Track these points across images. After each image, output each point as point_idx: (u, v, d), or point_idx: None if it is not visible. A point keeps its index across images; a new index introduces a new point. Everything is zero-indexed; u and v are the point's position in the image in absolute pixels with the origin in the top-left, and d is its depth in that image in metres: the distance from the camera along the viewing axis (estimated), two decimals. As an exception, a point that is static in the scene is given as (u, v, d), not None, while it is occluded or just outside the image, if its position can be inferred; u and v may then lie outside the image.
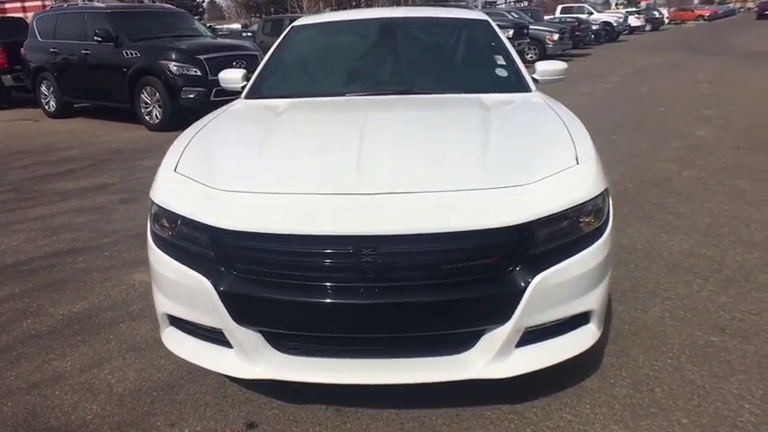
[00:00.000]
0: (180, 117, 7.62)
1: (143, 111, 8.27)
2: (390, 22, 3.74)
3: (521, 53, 15.54)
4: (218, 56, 8.25)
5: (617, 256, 3.51)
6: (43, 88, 9.65)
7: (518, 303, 1.88)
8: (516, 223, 1.85)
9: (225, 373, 2.01)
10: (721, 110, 8.49)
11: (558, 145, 2.23)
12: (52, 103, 9.60)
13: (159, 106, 8.11)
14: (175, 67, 7.93)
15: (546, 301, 1.93)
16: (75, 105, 9.71)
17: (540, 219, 1.89)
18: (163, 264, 2.03)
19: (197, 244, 1.96)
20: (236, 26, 18.03)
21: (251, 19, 50.40)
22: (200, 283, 1.91)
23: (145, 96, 8.19)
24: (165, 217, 2.05)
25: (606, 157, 6.16)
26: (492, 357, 1.96)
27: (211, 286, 1.89)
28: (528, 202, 1.90)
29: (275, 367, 1.97)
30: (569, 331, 2.08)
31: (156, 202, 2.11)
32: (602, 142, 6.36)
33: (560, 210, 1.93)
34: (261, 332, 1.97)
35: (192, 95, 7.92)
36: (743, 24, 35.46)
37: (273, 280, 1.88)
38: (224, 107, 3.01)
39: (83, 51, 8.75)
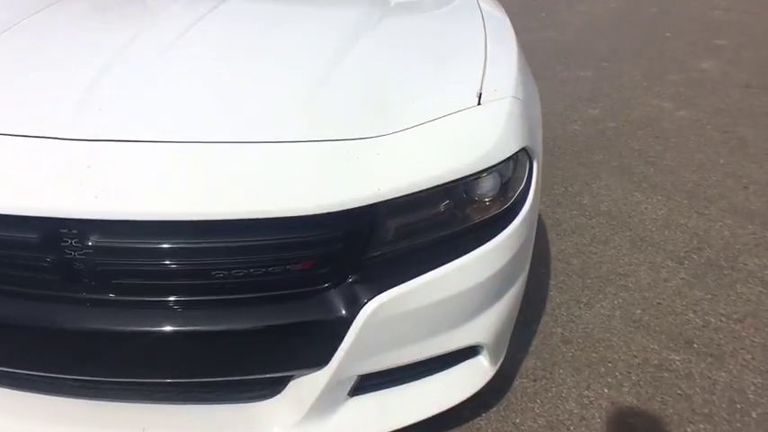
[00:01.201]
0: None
1: None
2: None
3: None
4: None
5: (572, 221, 2.74)
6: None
7: (340, 340, 1.11)
8: (341, 208, 1.04)
9: None
10: (734, 40, 7.43)
11: (459, 71, 1.38)
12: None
13: None
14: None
15: (393, 337, 1.16)
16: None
17: (390, 200, 1.08)
18: None
19: None
20: None
21: None
22: None
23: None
24: None
25: (592, 87, 5.25)
26: (306, 413, 1.22)
27: None
28: (373, 167, 1.09)
29: None
30: (445, 368, 1.33)
31: None
32: (592, 70, 5.41)
33: (429, 184, 1.12)
34: None
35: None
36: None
37: None
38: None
39: None
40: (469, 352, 1.34)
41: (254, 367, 1.15)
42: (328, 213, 1.03)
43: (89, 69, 1.27)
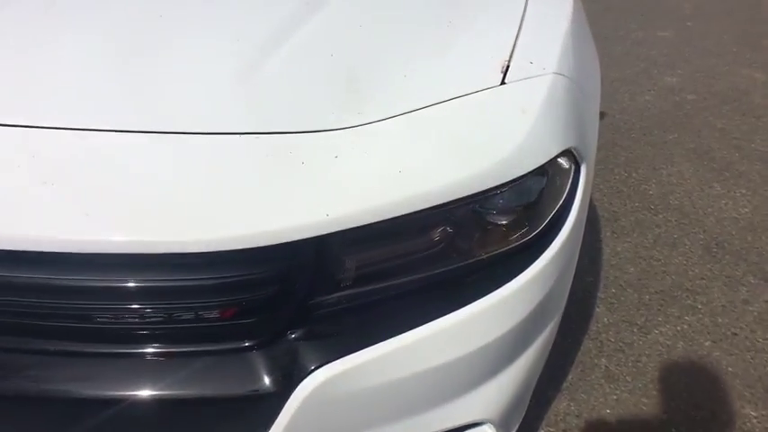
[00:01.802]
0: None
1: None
2: None
3: None
4: None
5: (633, 215, 2.30)
6: None
7: (270, 423, 0.78)
8: (264, 243, 0.69)
9: None
10: None
11: (479, 33, 0.97)
12: None
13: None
14: None
15: (352, 420, 0.82)
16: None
17: (350, 229, 0.72)
18: None
19: None
20: None
21: None
22: None
23: None
24: None
25: (670, 51, 4.61)
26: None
27: None
28: (325, 178, 0.73)
29: None
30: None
31: None
32: (672, 30, 4.76)
33: (412, 207, 0.74)
34: None
35: None
36: None
37: None
38: None
39: None
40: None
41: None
42: (251, 249, 0.68)
43: None
